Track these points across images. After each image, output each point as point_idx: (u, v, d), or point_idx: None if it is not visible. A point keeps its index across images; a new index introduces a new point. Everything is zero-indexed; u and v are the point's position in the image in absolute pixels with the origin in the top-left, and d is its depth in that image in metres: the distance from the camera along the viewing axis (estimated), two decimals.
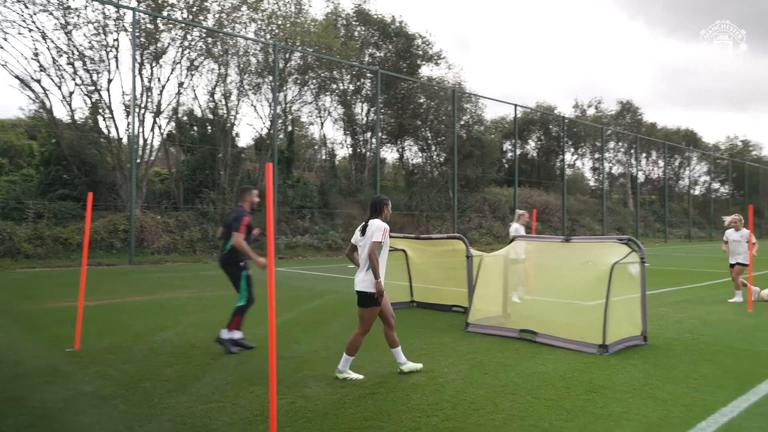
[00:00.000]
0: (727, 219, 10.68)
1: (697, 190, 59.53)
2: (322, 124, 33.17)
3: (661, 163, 53.43)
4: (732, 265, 10.50)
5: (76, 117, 22.04)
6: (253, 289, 6.32)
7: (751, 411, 4.39)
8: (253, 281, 6.33)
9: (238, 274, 6.25)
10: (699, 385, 5.09)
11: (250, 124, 52.99)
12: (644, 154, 54.31)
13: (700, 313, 8.97)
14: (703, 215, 54.08)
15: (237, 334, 6.26)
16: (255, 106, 33.20)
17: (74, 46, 20.83)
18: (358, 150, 32.82)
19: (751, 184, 60.31)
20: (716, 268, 17.52)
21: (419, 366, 5.41)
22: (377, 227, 5.16)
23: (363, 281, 5.12)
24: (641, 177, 53.06)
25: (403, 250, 9.57)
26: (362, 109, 32.73)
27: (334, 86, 31.07)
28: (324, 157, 34.30)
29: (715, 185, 61.53)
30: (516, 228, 10.23)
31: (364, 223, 5.31)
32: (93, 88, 21.59)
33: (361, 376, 5.17)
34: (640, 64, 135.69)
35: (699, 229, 50.97)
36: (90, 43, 21.27)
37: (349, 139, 33.21)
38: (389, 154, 37.58)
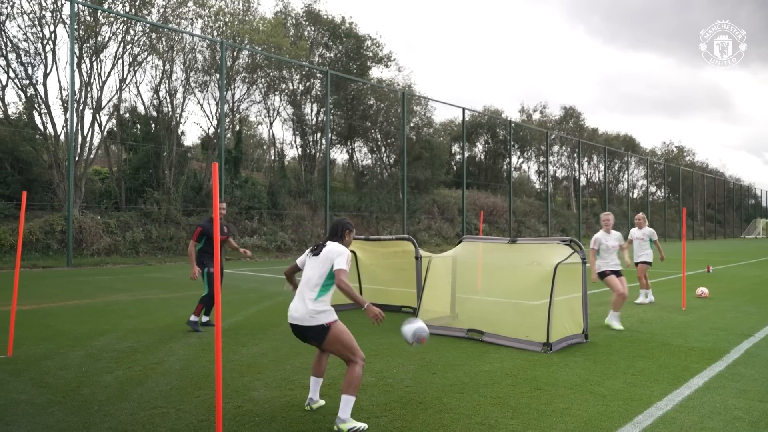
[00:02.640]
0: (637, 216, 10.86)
1: (635, 193, 62.22)
2: (271, 123, 32.80)
3: (601, 167, 55.45)
4: (636, 264, 10.57)
5: (10, 112, 21.06)
6: (212, 283, 7.33)
7: (685, 404, 4.61)
8: (213, 277, 7.32)
9: (202, 271, 7.50)
10: (636, 380, 5.30)
11: (196, 122, 51.49)
12: (586, 159, 56.28)
13: (637, 311, 9.35)
14: None
15: (204, 318, 7.64)
16: (201, 105, 32.69)
17: (7, 37, 19.87)
18: (308, 150, 32.59)
19: (684, 187, 63.44)
20: (652, 268, 18.29)
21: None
22: (340, 251, 4.21)
23: (317, 314, 4.10)
24: (583, 180, 54.97)
25: (353, 252, 9.57)
26: (312, 110, 32.55)
27: (284, 86, 30.77)
28: (273, 157, 33.90)
29: (652, 189, 64.46)
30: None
31: (318, 243, 4.41)
32: (28, 82, 20.66)
33: (365, 425, 4.02)
34: (581, 71, 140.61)
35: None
36: (25, 34, 20.35)
37: (298, 140, 32.94)
38: (339, 155, 37.54)
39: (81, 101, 21.03)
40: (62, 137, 20.91)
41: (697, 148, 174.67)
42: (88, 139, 21.87)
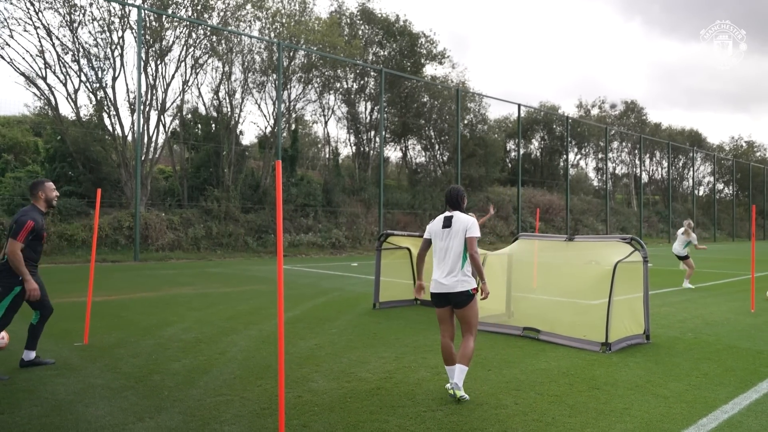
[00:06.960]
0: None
1: (701, 191, 59.55)
2: (325, 122, 33.23)
3: (665, 163, 53.38)
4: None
5: (82, 114, 22.23)
6: (13, 315, 5.01)
7: (752, 408, 4.45)
8: (19, 305, 5.04)
9: (9, 288, 4.94)
10: (700, 382, 5.14)
11: (254, 122, 52.89)
12: (648, 155, 54.31)
13: (702, 313, 9.01)
14: (707, 216, 54.06)
15: (32, 354, 5.29)
16: (259, 104, 33.46)
17: (79, 43, 20.99)
18: (362, 149, 32.89)
19: (755, 184, 60.23)
20: (719, 269, 17.55)
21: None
22: (472, 222, 4.71)
23: (461, 282, 4.60)
24: (645, 177, 53.07)
25: (408, 249, 9.64)
26: (366, 108, 32.82)
27: (338, 85, 31.16)
28: (328, 155, 34.41)
29: (719, 186, 61.50)
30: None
31: (446, 215, 4.81)
32: (98, 85, 21.77)
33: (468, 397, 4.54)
34: (637, 64, 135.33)
35: (703, 230, 50.90)
36: (95, 40, 21.45)
37: (352, 138, 33.31)
38: (393, 152, 37.75)
39: (147, 103, 21.99)
40: (129, 138, 21.93)
41: None
42: (153, 139, 22.87)
